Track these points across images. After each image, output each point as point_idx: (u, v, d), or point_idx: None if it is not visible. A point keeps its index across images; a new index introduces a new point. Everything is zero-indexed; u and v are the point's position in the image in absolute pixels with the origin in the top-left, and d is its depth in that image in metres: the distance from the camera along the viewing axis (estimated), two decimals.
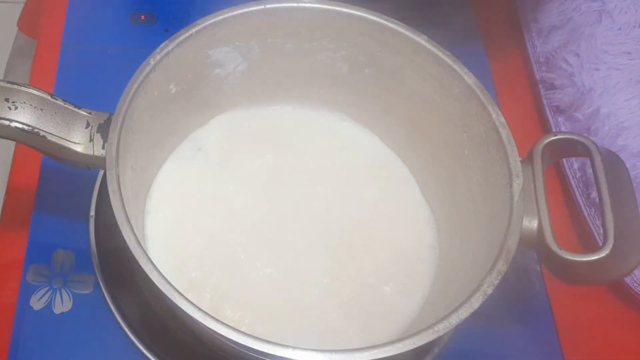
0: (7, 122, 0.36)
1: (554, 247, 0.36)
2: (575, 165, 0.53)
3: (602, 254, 0.35)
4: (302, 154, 0.48)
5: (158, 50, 0.40)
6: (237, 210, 0.45)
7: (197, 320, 0.32)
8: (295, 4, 0.43)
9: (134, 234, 0.34)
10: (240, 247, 0.44)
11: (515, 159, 0.38)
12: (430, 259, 0.45)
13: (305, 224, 0.45)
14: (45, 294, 0.45)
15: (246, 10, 0.42)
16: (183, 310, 0.32)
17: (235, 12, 0.42)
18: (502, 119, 0.40)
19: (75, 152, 0.38)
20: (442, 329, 0.33)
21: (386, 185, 0.48)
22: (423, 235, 0.46)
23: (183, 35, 0.41)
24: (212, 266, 0.43)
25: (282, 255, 0.44)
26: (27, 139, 0.37)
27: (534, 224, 0.37)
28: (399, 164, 0.49)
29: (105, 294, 0.45)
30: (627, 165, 0.41)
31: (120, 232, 0.34)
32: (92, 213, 0.48)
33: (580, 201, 0.52)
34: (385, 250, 0.45)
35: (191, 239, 0.44)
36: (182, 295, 0.32)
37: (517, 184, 0.38)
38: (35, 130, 0.37)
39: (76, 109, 0.38)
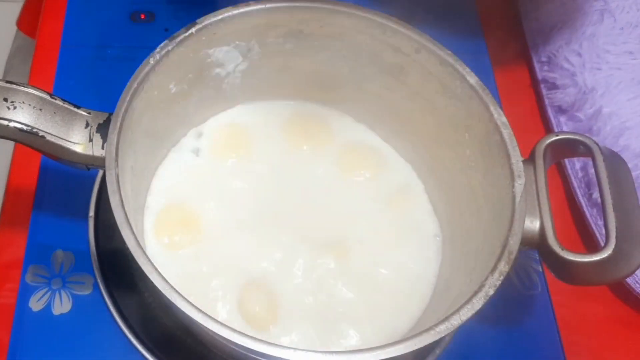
0: (6, 122, 0.36)
1: (556, 248, 0.36)
2: (577, 166, 0.53)
3: (604, 255, 0.35)
4: (303, 153, 0.48)
5: (158, 49, 0.39)
6: (237, 207, 0.45)
7: (198, 322, 0.32)
8: (295, 3, 0.42)
9: (134, 235, 0.34)
10: (241, 242, 0.44)
11: (517, 159, 0.38)
12: (434, 248, 0.45)
13: (307, 218, 0.45)
14: (44, 295, 0.45)
15: (246, 9, 0.42)
16: (183, 312, 0.32)
17: (235, 12, 0.41)
18: (504, 119, 0.39)
19: (75, 152, 0.38)
20: (443, 330, 0.33)
21: (387, 184, 0.47)
22: (426, 231, 0.46)
23: (183, 34, 0.40)
24: (213, 264, 0.43)
25: (284, 250, 0.44)
26: (26, 139, 0.37)
27: (536, 224, 0.37)
28: (401, 163, 0.49)
29: (105, 295, 0.45)
30: (629, 166, 0.41)
31: (119, 232, 0.34)
32: (92, 213, 0.48)
33: (582, 202, 0.52)
34: (387, 251, 0.45)
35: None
36: (182, 296, 0.32)
37: (519, 184, 0.37)
38: (34, 130, 0.37)
39: (75, 109, 0.38)
